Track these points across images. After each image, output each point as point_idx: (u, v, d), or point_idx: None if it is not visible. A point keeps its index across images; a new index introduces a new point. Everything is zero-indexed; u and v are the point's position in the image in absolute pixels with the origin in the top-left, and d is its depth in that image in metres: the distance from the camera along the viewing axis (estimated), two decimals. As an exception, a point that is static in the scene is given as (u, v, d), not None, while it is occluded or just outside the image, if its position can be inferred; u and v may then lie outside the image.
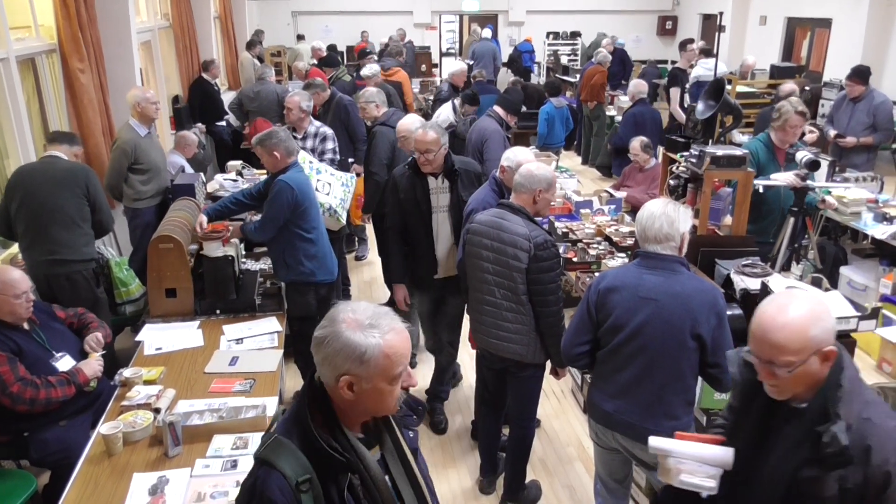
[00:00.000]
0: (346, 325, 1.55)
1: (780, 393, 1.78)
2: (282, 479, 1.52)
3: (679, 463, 1.89)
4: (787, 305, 1.73)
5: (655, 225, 2.67)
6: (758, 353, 1.75)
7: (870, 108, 6.91)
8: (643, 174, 6.52)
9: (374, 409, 1.64)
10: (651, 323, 2.62)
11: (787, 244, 4.42)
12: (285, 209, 3.93)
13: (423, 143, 3.89)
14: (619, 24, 16.35)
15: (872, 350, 5.11)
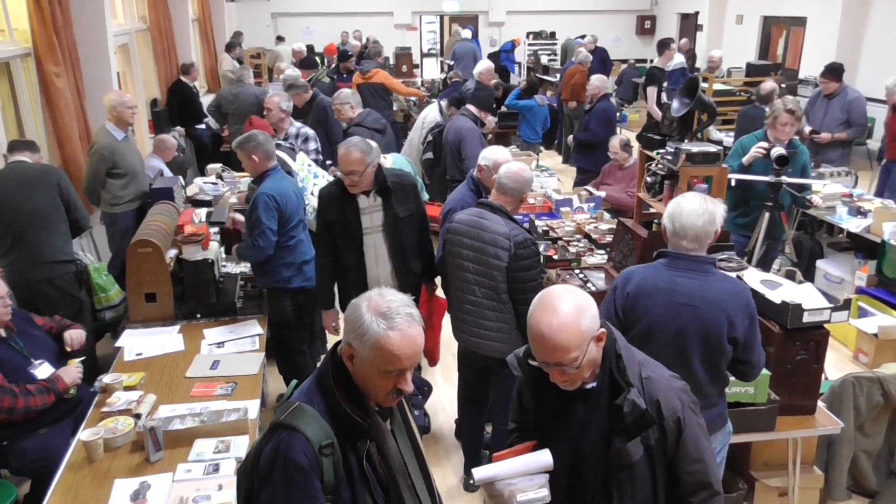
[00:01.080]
0: (367, 303, 1.65)
1: (572, 385, 1.84)
2: (305, 442, 1.60)
3: (509, 485, 1.85)
4: (556, 308, 1.77)
5: (699, 223, 2.55)
6: (545, 360, 1.79)
7: (844, 105, 7.01)
8: (622, 172, 6.57)
9: (365, 390, 1.70)
10: (689, 329, 2.53)
11: (764, 238, 4.49)
12: (272, 217, 3.87)
13: (347, 164, 3.58)
14: (598, 23, 16.44)
15: (849, 341, 5.19)
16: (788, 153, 4.42)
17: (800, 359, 3.11)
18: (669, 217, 2.62)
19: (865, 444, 3.55)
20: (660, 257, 2.67)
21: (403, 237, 3.78)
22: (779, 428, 3.10)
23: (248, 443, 2.87)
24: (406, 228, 3.80)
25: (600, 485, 1.88)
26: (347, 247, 3.77)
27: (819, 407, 3.26)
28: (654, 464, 1.87)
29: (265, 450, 1.65)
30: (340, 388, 1.67)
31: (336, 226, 3.74)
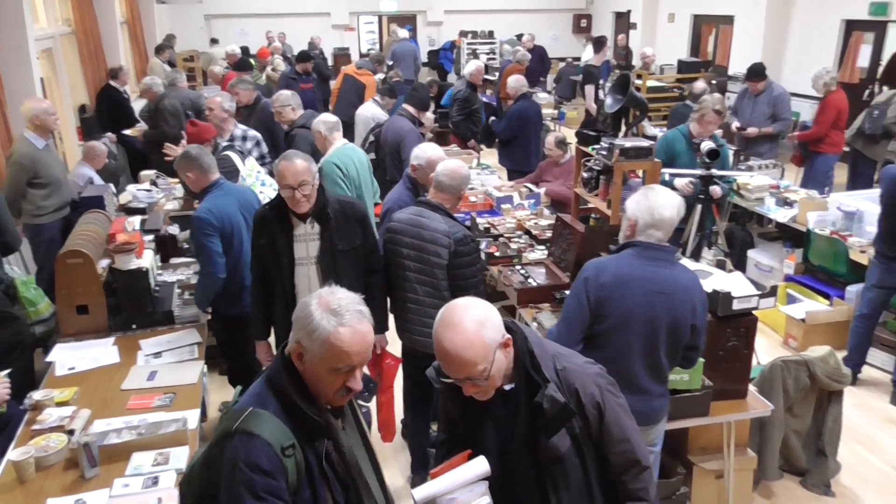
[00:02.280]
0: (317, 301, 1.67)
1: (486, 395, 1.85)
2: (266, 445, 1.59)
3: (451, 500, 1.83)
4: (457, 324, 1.77)
5: (674, 214, 2.64)
6: (455, 376, 1.80)
7: (770, 100, 7.29)
8: (559, 168, 6.66)
9: (315, 388, 1.70)
10: (660, 317, 2.58)
11: (696, 230, 4.63)
12: (212, 239, 3.70)
13: (295, 175, 3.14)
14: (535, 22, 16.66)
15: (779, 327, 5.40)
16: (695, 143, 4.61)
17: (731, 345, 3.22)
18: (646, 210, 2.65)
19: (795, 424, 3.70)
20: (628, 247, 2.70)
21: (340, 274, 3.28)
22: (713, 413, 3.20)
23: (189, 454, 2.81)
24: (345, 264, 3.37)
25: (534, 482, 1.90)
26: (276, 278, 3.39)
27: (750, 391, 3.38)
28: (583, 451, 1.90)
29: (225, 458, 1.61)
30: (293, 388, 1.67)
31: (266, 252, 3.37)
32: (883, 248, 4.40)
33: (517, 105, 7.12)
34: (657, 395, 2.69)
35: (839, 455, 3.79)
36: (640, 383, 2.63)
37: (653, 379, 2.66)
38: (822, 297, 5.36)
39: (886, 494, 3.76)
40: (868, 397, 4.62)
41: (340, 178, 4.64)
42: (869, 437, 4.21)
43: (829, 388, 3.63)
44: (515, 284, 4.22)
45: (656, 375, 2.66)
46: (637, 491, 1.97)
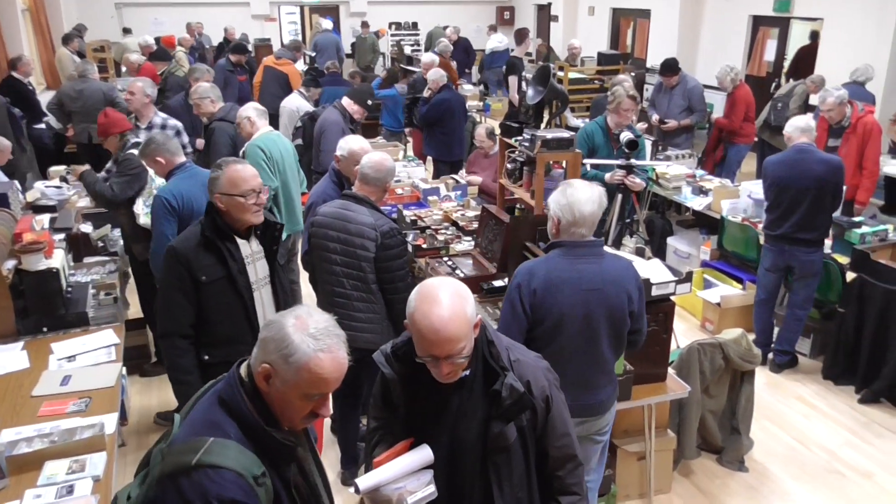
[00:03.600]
0: (294, 321, 1.56)
1: (455, 376, 1.83)
2: (237, 477, 1.47)
3: (396, 489, 1.81)
4: (440, 300, 1.76)
5: (595, 209, 2.63)
6: (436, 354, 1.77)
7: (685, 93, 7.58)
8: (488, 160, 6.72)
9: (279, 413, 1.61)
10: (596, 313, 2.60)
11: (617, 219, 4.76)
12: (168, 221, 3.64)
13: (246, 181, 2.82)
14: (459, 14, 16.71)
15: (696, 311, 5.62)
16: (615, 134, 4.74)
17: (650, 330, 3.31)
18: (566, 208, 2.63)
19: (711, 404, 3.86)
20: (554, 248, 2.70)
21: (287, 294, 3.13)
22: (635, 396, 3.31)
23: (106, 459, 2.71)
24: (285, 282, 3.18)
25: (478, 471, 1.91)
26: (233, 313, 2.89)
27: (669, 374, 3.51)
28: (527, 444, 1.93)
29: (186, 498, 1.45)
30: (256, 410, 1.57)
31: (215, 287, 2.85)
32: (770, 229, 4.70)
33: (439, 95, 7.15)
34: (603, 387, 2.75)
35: (751, 432, 3.98)
36: (585, 378, 2.67)
37: (597, 373, 2.71)
38: (735, 282, 5.60)
39: (792, 466, 3.98)
40: (779, 376, 4.87)
41: (264, 161, 4.56)
42: (778, 414, 4.45)
43: (742, 368, 3.80)
44: (443, 276, 4.23)
45: (601, 369, 2.71)
46: (572, 486, 2.01)
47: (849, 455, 4.07)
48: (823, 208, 4.48)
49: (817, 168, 4.42)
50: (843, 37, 9.03)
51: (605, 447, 2.94)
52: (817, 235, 4.54)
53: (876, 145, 5.84)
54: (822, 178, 4.41)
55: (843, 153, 5.85)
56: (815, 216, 4.48)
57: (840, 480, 3.87)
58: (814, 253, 4.57)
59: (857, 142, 5.80)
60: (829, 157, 4.53)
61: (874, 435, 4.25)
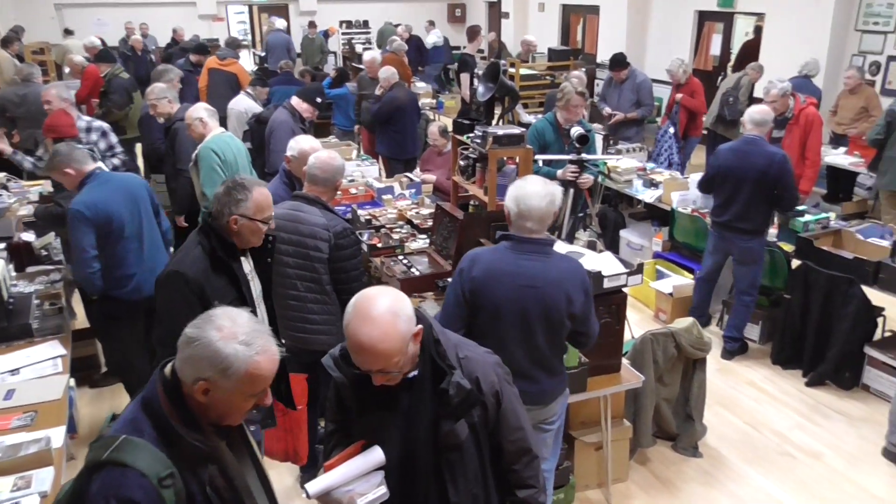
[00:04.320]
0: (219, 334, 1.54)
1: (395, 381, 1.84)
2: (140, 477, 1.46)
3: (346, 492, 1.82)
4: (373, 317, 1.75)
5: (542, 205, 2.62)
6: (369, 368, 1.78)
7: (634, 87, 7.69)
8: (442, 158, 6.72)
9: (223, 416, 1.62)
10: (532, 310, 2.61)
11: (570, 214, 4.81)
12: (85, 234, 3.53)
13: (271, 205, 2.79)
14: (411, 11, 16.67)
15: (650, 302, 5.72)
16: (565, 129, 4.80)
17: (604, 322, 3.36)
18: (514, 200, 2.67)
19: (665, 393, 3.94)
20: (503, 240, 2.73)
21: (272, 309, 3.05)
22: (590, 388, 3.35)
23: (54, 475, 2.63)
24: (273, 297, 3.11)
25: (432, 469, 1.91)
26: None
27: (624, 364, 3.56)
28: (480, 439, 1.93)
29: (91, 492, 1.47)
30: (173, 412, 1.56)
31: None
32: (713, 215, 4.89)
33: (390, 93, 7.11)
34: (544, 379, 2.76)
35: (705, 418, 4.07)
36: (525, 370, 2.68)
37: (537, 366, 2.72)
38: (687, 272, 5.71)
39: (744, 450, 4.09)
40: (729, 362, 4.99)
41: (218, 166, 4.48)
42: (730, 400, 4.56)
43: (694, 356, 3.88)
44: (398, 275, 4.23)
45: (539, 363, 2.72)
46: (528, 479, 2.03)
47: (798, 437, 4.19)
48: (763, 200, 4.61)
49: (759, 161, 4.55)
50: (784, 31, 9.30)
51: (557, 438, 2.96)
52: (754, 226, 4.67)
53: (817, 136, 6.03)
54: (762, 171, 4.53)
55: (787, 144, 6.02)
56: (753, 207, 4.62)
57: (790, 462, 3.98)
58: (751, 241, 4.72)
59: (799, 133, 5.97)
60: (774, 151, 4.62)
61: (822, 417, 4.38)
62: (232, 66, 8.61)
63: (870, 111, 7.53)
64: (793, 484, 3.81)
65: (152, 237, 3.88)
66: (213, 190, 4.46)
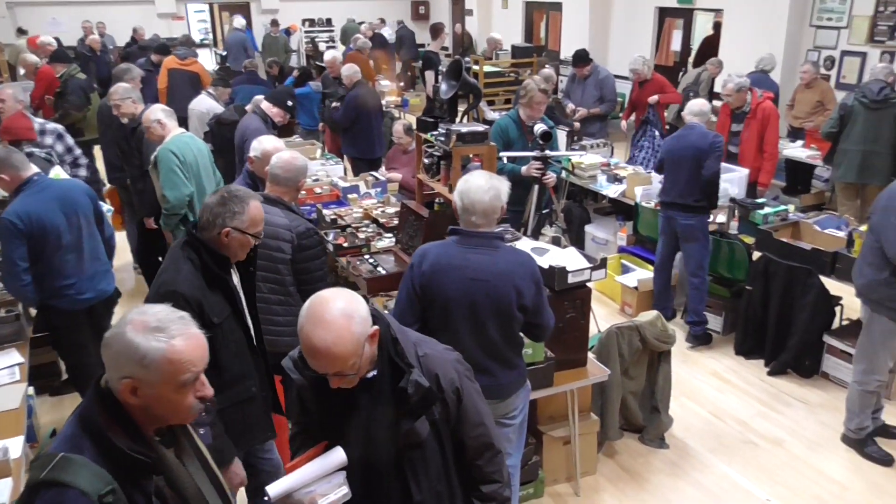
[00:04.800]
0: (131, 327, 1.51)
1: (352, 384, 1.84)
2: (80, 496, 1.42)
3: (308, 493, 1.81)
4: (326, 321, 1.74)
5: (486, 199, 2.65)
6: (325, 371, 1.78)
7: (597, 83, 7.76)
8: (407, 156, 6.71)
9: (163, 416, 1.57)
10: (481, 303, 2.63)
11: (535, 210, 4.83)
12: (16, 245, 3.44)
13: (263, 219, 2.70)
14: (375, 9, 16.59)
15: (615, 296, 5.78)
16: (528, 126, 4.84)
17: (569, 317, 3.40)
18: (459, 195, 2.71)
19: (631, 386, 3.99)
20: (452, 234, 2.76)
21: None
22: (557, 382, 3.37)
23: (12, 486, 2.57)
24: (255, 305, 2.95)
25: (394, 468, 1.91)
26: (240, 350, 2.68)
27: (590, 358, 3.59)
28: (441, 436, 1.93)
29: None
30: (112, 425, 1.51)
31: (225, 327, 2.58)
32: (660, 197, 5.18)
33: (353, 92, 7.06)
34: (500, 372, 2.77)
35: (670, 409, 4.13)
36: (481, 363, 2.69)
37: (491, 359, 2.73)
38: (651, 266, 5.77)
39: (709, 439, 4.16)
40: (694, 353, 5.07)
41: (177, 167, 4.40)
42: (695, 390, 4.63)
43: (658, 349, 3.93)
44: (365, 274, 4.21)
45: (493, 356, 2.73)
46: (492, 473, 2.04)
47: (760, 425, 4.28)
48: (699, 178, 4.86)
49: (696, 141, 4.86)
50: (742, 27, 9.46)
51: (520, 433, 2.98)
52: (694, 201, 4.91)
53: (774, 130, 6.15)
54: (698, 148, 4.82)
55: (745, 137, 6.16)
56: (692, 184, 4.88)
57: (753, 450, 4.06)
58: (692, 218, 4.95)
59: (757, 127, 6.09)
60: (710, 132, 4.94)
61: (783, 404, 4.48)
62: (193, 66, 8.47)
63: (825, 105, 7.71)
64: (755, 471, 3.88)
65: (92, 246, 3.79)
66: (173, 192, 4.39)
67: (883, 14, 8.12)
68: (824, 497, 3.69)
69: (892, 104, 5.97)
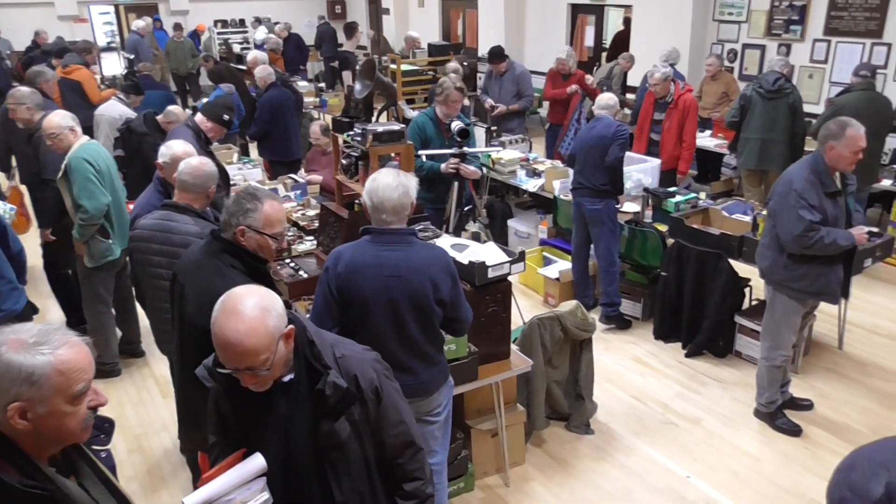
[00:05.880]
0: (6, 348, 1.42)
1: (264, 385, 1.82)
2: None
3: (228, 502, 1.78)
4: (241, 312, 1.73)
5: (395, 196, 2.66)
6: (234, 366, 1.75)
7: (514, 79, 7.88)
8: (326, 157, 6.63)
9: (58, 436, 1.49)
10: (399, 299, 2.62)
11: (456, 207, 4.86)
12: None
13: (283, 220, 2.61)
14: (290, 9, 16.32)
15: (539, 288, 5.89)
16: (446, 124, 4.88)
17: (491, 311, 3.44)
18: (368, 193, 2.71)
19: (555, 375, 4.07)
20: (365, 234, 2.76)
21: None
22: (482, 376, 3.41)
23: None
24: None
25: (314, 471, 1.90)
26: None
27: (513, 350, 3.65)
28: (362, 437, 1.93)
29: None
30: (0, 461, 1.43)
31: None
32: (571, 186, 5.35)
33: (267, 95, 6.92)
34: (422, 370, 2.78)
35: (594, 395, 4.24)
36: (403, 362, 2.70)
37: (414, 357, 2.74)
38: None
39: (632, 422, 4.29)
40: (614, 339, 5.22)
41: (94, 175, 4.22)
42: (617, 376, 4.77)
43: (580, 337, 4.03)
44: (286, 278, 4.14)
45: (414, 353, 2.73)
46: (414, 471, 2.05)
47: (680, 406, 4.44)
48: (603, 163, 5.02)
49: (601, 130, 5.04)
50: (650, 22, 9.78)
51: (445, 429, 2.99)
52: (598, 185, 5.08)
53: (693, 120, 6.42)
54: (601, 136, 5.01)
55: (667, 127, 6.42)
56: (596, 169, 5.05)
57: (673, 430, 4.22)
58: (597, 203, 5.12)
59: (678, 116, 6.34)
60: (615, 122, 5.10)
61: (700, 384, 4.66)
62: (75, 74, 7.88)
63: (730, 96, 8.06)
64: (676, 450, 4.03)
65: None
66: (91, 202, 4.20)
67: (778, 9, 8.55)
68: (740, 470, 3.86)
69: (787, 94, 6.30)
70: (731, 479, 3.80)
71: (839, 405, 4.40)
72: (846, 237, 3.70)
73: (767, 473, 3.83)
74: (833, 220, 3.71)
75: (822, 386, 4.60)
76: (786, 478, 3.79)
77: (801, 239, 3.66)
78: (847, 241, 3.70)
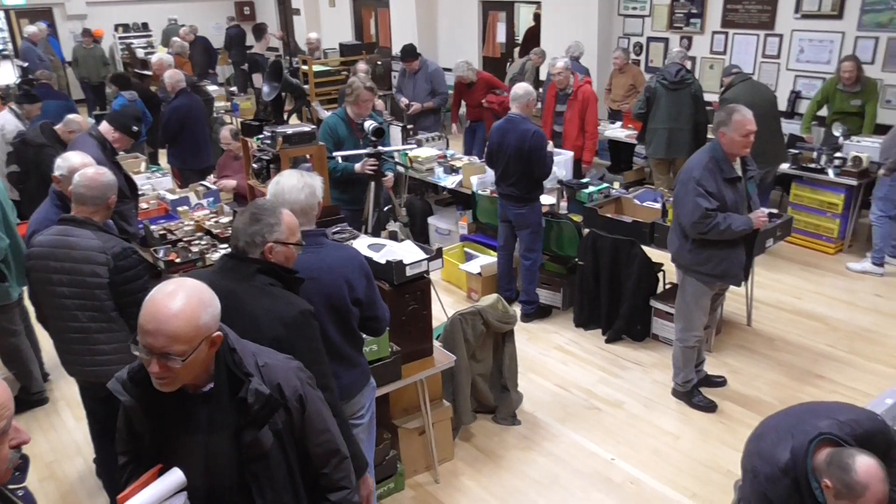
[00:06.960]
0: None
1: (170, 385, 1.74)
2: None
3: None
4: (175, 294, 1.71)
5: (301, 197, 2.60)
6: (151, 345, 1.69)
7: (427, 77, 7.90)
8: (239, 162, 6.45)
9: None
10: (317, 302, 2.54)
11: (374, 207, 4.84)
12: None
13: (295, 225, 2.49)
14: (197, 12, 15.83)
15: (461, 284, 5.93)
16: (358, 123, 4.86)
17: (411, 309, 3.44)
18: (273, 197, 2.64)
19: (479, 368, 4.10)
20: None
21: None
22: (405, 374, 3.40)
23: None
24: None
25: (237, 483, 1.84)
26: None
27: (436, 347, 3.65)
28: (286, 446, 1.89)
29: None
30: None
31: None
32: (496, 187, 5.38)
33: (175, 101, 6.67)
34: (345, 373, 2.74)
35: (519, 386, 4.30)
36: None
37: (335, 361, 2.67)
38: (492, 251, 5.97)
39: (557, 410, 4.38)
40: (537, 330, 5.31)
41: None
42: (540, 365, 4.86)
43: (502, 330, 4.07)
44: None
45: (337, 356, 2.68)
46: (339, 480, 2.02)
47: (602, 390, 4.56)
48: (524, 172, 5.04)
49: (515, 139, 4.99)
50: (559, 18, 9.98)
51: (370, 431, 2.97)
52: (521, 194, 5.14)
53: (594, 111, 6.61)
54: (518, 147, 4.99)
55: (568, 118, 6.61)
56: (518, 178, 5.08)
57: (597, 414, 4.32)
58: (522, 208, 5.18)
59: (578, 107, 6.52)
60: (527, 128, 4.96)
61: (620, 368, 4.80)
62: None
63: (637, 87, 8.32)
64: (600, 434, 4.14)
65: None
66: None
67: (679, 3, 8.88)
68: (661, 448, 4.00)
69: (688, 84, 6.57)
70: (652, 457, 3.93)
71: (750, 380, 4.61)
72: (743, 222, 3.86)
73: (686, 450, 3.98)
74: (733, 205, 3.87)
75: (734, 362, 4.81)
76: (704, 452, 3.95)
77: (698, 225, 3.82)
78: (743, 226, 3.86)
